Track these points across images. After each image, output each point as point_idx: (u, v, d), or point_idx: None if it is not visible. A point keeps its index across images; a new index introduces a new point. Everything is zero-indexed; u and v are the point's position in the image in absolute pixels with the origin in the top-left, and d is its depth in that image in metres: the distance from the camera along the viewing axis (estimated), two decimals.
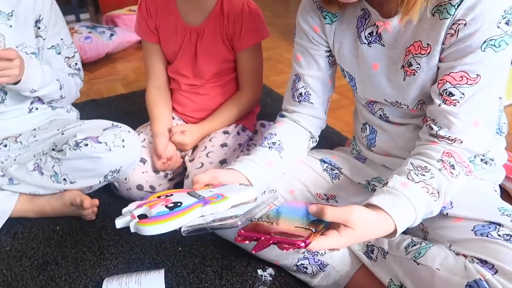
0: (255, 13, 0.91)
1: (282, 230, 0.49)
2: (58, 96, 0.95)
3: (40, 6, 0.89)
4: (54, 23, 0.93)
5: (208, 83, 0.97)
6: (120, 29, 2.03)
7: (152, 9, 0.93)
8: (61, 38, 0.95)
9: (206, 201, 0.55)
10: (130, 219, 0.54)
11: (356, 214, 0.50)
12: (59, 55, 0.95)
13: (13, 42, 0.85)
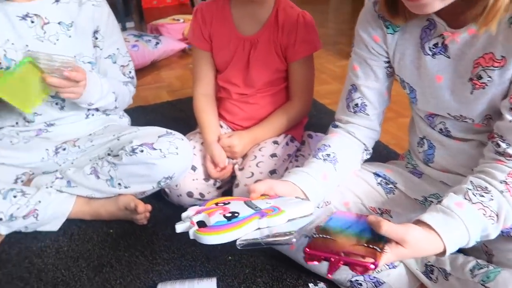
0: (310, 25, 0.91)
1: (349, 249, 0.48)
2: (112, 107, 0.99)
3: (98, 18, 0.93)
4: (111, 34, 0.96)
5: (259, 93, 0.98)
6: (165, 37, 2.08)
7: (207, 17, 0.95)
8: (117, 48, 0.99)
9: (263, 214, 0.55)
10: (190, 226, 0.55)
11: (412, 234, 0.50)
12: (115, 64, 0.99)
13: (71, 52, 0.90)
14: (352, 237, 0.52)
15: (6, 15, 0.85)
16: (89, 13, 0.91)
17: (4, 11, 0.85)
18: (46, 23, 0.88)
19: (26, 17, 0.86)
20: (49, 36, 0.88)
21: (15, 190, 0.85)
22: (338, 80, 1.74)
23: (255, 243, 0.51)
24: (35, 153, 0.93)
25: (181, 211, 0.92)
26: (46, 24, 0.88)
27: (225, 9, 0.94)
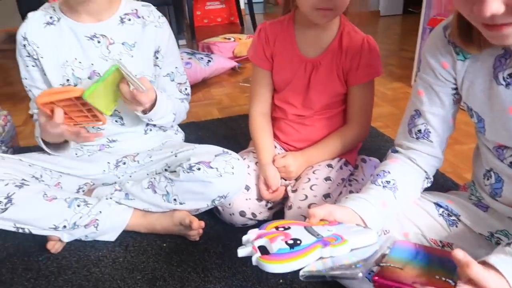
0: (374, 50, 0.90)
1: (422, 280, 0.47)
2: (169, 126, 1.03)
3: (159, 38, 0.97)
4: (170, 53, 1.00)
5: (316, 115, 0.98)
6: (216, 55, 2.14)
7: (270, 37, 0.96)
8: (175, 67, 1.02)
9: (326, 243, 0.54)
10: (252, 251, 0.55)
11: (492, 280, 0.47)
12: (173, 82, 1.03)
13: (133, 71, 0.94)
14: (421, 268, 0.51)
15: (75, 36, 0.91)
16: (152, 34, 0.95)
17: (74, 32, 0.91)
18: (111, 43, 0.93)
19: (94, 37, 0.92)
20: (113, 55, 0.93)
21: (79, 200, 0.89)
22: (389, 102, 1.71)
23: (319, 276, 0.51)
24: (97, 166, 0.98)
25: (233, 229, 0.94)
26: (111, 44, 0.93)
27: (289, 30, 0.95)
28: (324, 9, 0.83)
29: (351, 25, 0.94)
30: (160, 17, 0.97)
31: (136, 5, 0.97)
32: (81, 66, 0.92)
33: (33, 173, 0.89)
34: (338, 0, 0.82)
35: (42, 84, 0.94)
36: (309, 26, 0.92)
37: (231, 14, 3.80)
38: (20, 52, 0.92)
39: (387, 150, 1.26)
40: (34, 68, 0.93)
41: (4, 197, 0.81)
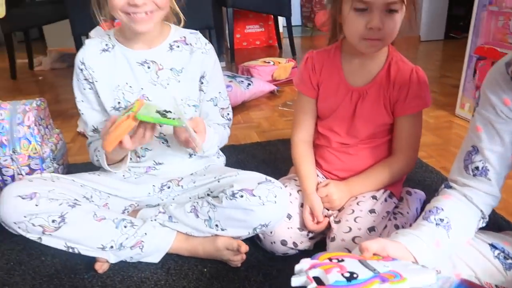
0: (423, 81, 0.89)
1: None
2: (212, 155, 1.06)
3: (206, 64, 1.00)
4: (215, 78, 1.02)
5: (361, 144, 0.96)
6: (256, 79, 2.17)
7: (317, 66, 0.97)
8: (219, 92, 1.04)
9: (384, 279, 0.53)
10: (307, 281, 0.54)
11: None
12: (216, 106, 1.04)
13: (179, 95, 0.97)
14: None
15: (128, 61, 0.96)
16: (198, 60, 0.99)
17: (126, 58, 0.95)
18: (160, 69, 0.96)
19: (144, 63, 0.96)
20: (161, 80, 0.97)
21: (126, 221, 0.91)
22: (432, 131, 1.66)
23: None
24: (143, 188, 1.00)
25: (274, 257, 0.93)
26: (160, 69, 0.96)
27: (336, 59, 0.95)
28: (372, 39, 0.83)
29: (399, 54, 0.94)
30: (206, 44, 1.00)
31: (184, 32, 1.00)
32: (131, 90, 0.96)
33: (84, 194, 0.93)
34: (386, 31, 0.82)
35: (97, 106, 0.99)
36: (356, 55, 0.92)
37: (269, 37, 3.87)
38: (77, 76, 0.97)
39: (431, 181, 1.25)
40: (90, 91, 0.98)
41: (58, 216, 0.85)
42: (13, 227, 0.86)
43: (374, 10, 0.79)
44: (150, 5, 0.85)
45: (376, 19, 0.79)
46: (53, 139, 1.27)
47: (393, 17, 0.81)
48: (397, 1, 0.78)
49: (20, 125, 1.15)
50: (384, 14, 0.80)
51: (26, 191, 0.86)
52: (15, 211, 0.84)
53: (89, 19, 0.98)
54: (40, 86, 2.82)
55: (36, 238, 0.86)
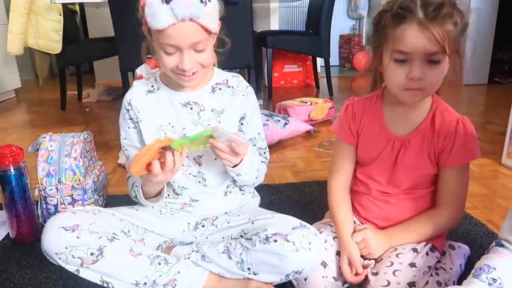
0: (470, 132, 0.86)
1: None
2: (251, 183, 1.05)
3: (246, 105, 1.02)
4: (255, 119, 1.05)
5: (402, 193, 0.94)
6: (293, 119, 2.19)
7: (357, 113, 0.97)
8: (258, 133, 1.07)
9: None
10: None
11: None
12: (254, 146, 1.06)
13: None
14: None
15: (171, 102, 1.00)
16: (239, 101, 1.02)
17: (170, 100, 1.00)
18: (202, 110, 1.00)
19: (187, 104, 0.99)
20: (203, 121, 1.00)
21: (160, 257, 0.92)
22: (477, 180, 1.59)
23: None
24: (178, 225, 1.02)
25: None
26: (202, 110, 1.00)
27: (377, 107, 0.95)
28: (414, 89, 0.82)
29: (444, 104, 0.91)
30: (247, 87, 1.04)
31: (226, 75, 1.04)
32: (173, 129, 1.00)
33: (122, 228, 0.95)
34: (428, 81, 0.80)
35: (138, 144, 1.03)
36: (398, 103, 0.91)
37: (307, 76, 3.92)
38: (123, 115, 1.02)
39: (476, 235, 1.18)
40: (134, 130, 1.02)
41: (97, 249, 0.87)
42: (54, 258, 0.88)
43: (414, 60, 0.78)
44: (196, 67, 0.90)
45: (416, 70, 0.78)
46: (95, 170, 1.32)
47: (435, 68, 0.79)
48: (438, 52, 0.77)
49: (67, 156, 1.21)
50: (425, 64, 0.79)
51: (69, 223, 0.89)
52: (57, 242, 0.87)
53: (136, 56, 1.04)
54: (86, 117, 2.97)
55: (74, 270, 0.88)
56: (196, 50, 0.88)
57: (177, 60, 0.88)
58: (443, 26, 0.75)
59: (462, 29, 0.79)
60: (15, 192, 1.12)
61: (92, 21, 4.02)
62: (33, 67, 5.03)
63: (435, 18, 0.75)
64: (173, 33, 0.84)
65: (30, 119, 2.97)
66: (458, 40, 0.78)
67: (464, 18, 0.78)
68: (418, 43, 0.76)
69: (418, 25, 0.76)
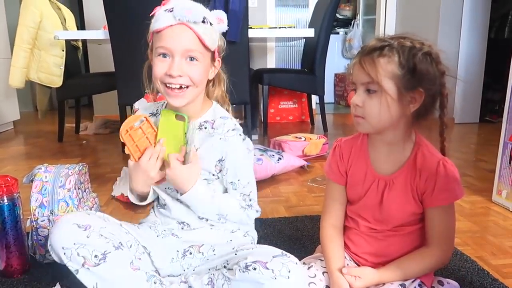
0: (451, 174, 0.88)
1: None
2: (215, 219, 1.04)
3: (223, 149, 1.01)
4: (234, 165, 1.03)
5: (390, 231, 0.95)
6: (287, 154, 2.22)
7: (345, 153, 1.00)
8: (238, 179, 1.04)
9: None
10: None
11: None
12: (235, 191, 1.05)
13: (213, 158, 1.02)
14: None
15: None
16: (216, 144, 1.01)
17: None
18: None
19: None
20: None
21: (156, 277, 0.94)
22: (467, 217, 1.60)
23: None
24: (169, 252, 1.03)
25: None
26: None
27: (363, 146, 0.98)
28: (356, 116, 0.88)
29: (427, 144, 0.93)
30: (229, 131, 1.01)
31: (216, 115, 1.04)
32: None
33: (127, 241, 0.97)
34: (367, 109, 0.86)
35: None
36: (382, 143, 0.94)
37: (302, 113, 4.00)
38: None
39: (466, 272, 1.18)
40: None
41: (101, 253, 0.88)
42: (59, 253, 0.89)
43: (357, 89, 0.88)
44: (185, 78, 0.93)
45: (355, 97, 0.87)
46: (89, 202, 1.33)
47: (373, 97, 0.85)
48: (370, 82, 0.84)
49: (61, 187, 1.22)
50: (365, 93, 0.86)
51: (83, 221, 0.92)
52: (68, 237, 0.89)
53: (134, 91, 1.09)
54: (83, 149, 2.99)
55: (74, 269, 0.88)
56: (188, 60, 0.92)
57: (167, 67, 0.91)
58: (373, 59, 0.84)
59: (406, 64, 0.83)
60: (7, 223, 1.13)
61: (94, 57, 4.14)
62: (33, 99, 5.11)
63: (367, 54, 0.85)
64: (169, 34, 0.90)
65: (26, 151, 2.98)
66: (403, 75, 0.83)
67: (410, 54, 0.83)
68: (356, 74, 0.87)
69: (358, 60, 0.86)
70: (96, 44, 3.80)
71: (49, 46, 2.91)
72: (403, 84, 0.83)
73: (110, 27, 2.50)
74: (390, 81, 0.83)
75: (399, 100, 0.84)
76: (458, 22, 3.52)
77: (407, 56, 0.83)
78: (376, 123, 0.87)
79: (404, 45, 0.84)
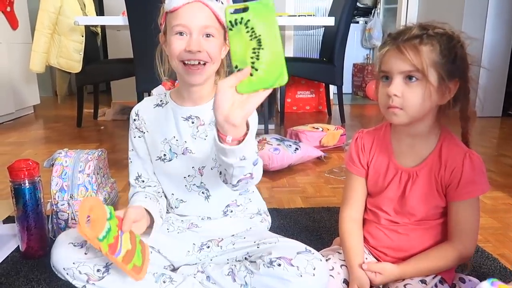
0: (477, 167, 0.86)
1: None
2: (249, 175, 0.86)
3: None
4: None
5: (411, 224, 0.93)
6: (304, 144, 2.20)
7: (366, 145, 0.98)
8: None
9: None
10: None
11: None
12: None
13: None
14: None
15: (175, 116, 1.02)
16: None
17: (175, 113, 1.02)
18: (201, 124, 1.01)
19: (189, 118, 1.01)
20: (200, 134, 1.01)
21: (165, 276, 0.92)
22: (489, 214, 1.56)
23: None
24: (184, 245, 1.02)
25: None
26: (201, 125, 1.01)
27: (386, 139, 0.95)
28: (393, 107, 0.83)
29: (453, 136, 0.91)
30: None
31: None
32: (177, 143, 1.02)
33: None
34: (407, 100, 0.82)
35: (143, 154, 1.06)
36: (405, 134, 0.92)
37: (319, 103, 3.95)
38: (131, 125, 1.06)
39: (487, 269, 1.15)
40: (140, 139, 1.05)
41: (103, 265, 0.88)
42: (62, 273, 0.89)
43: (393, 79, 0.82)
44: (203, 54, 0.92)
45: (393, 87, 0.82)
46: (107, 188, 1.34)
47: (414, 87, 0.81)
48: (413, 70, 0.80)
49: (81, 172, 1.23)
50: (404, 83, 0.82)
51: (78, 239, 0.90)
52: (66, 258, 0.89)
53: (152, 78, 1.08)
54: (101, 135, 3.02)
55: (80, 286, 0.89)
56: (205, 37, 0.92)
57: (185, 44, 0.91)
58: (416, 47, 0.80)
59: (448, 53, 0.81)
60: (28, 206, 1.14)
61: (112, 43, 4.16)
62: (52, 84, 5.18)
63: (407, 40, 0.81)
64: (186, 11, 0.89)
65: (46, 135, 3.03)
66: (444, 64, 0.80)
67: (449, 42, 0.81)
68: (394, 62, 0.82)
69: (394, 47, 0.82)
70: (114, 30, 3.81)
71: (69, 31, 2.93)
72: (444, 72, 0.81)
73: (129, 13, 2.50)
74: (433, 70, 0.80)
75: (438, 89, 0.82)
76: (483, 11, 3.40)
77: (447, 44, 0.81)
78: (415, 114, 0.84)
79: (441, 33, 0.81)
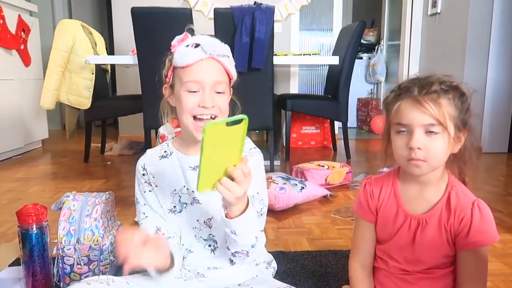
0: (486, 216, 0.86)
1: None
2: (246, 251, 0.95)
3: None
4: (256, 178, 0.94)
5: (420, 273, 0.92)
6: (310, 183, 2.20)
7: (375, 191, 0.98)
8: (257, 192, 1.02)
9: None
10: None
11: None
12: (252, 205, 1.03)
13: None
14: None
15: (181, 166, 1.03)
16: None
17: (180, 163, 1.03)
18: None
19: (196, 167, 1.01)
20: None
21: None
22: (498, 258, 1.53)
23: None
24: None
25: None
26: None
27: (394, 184, 0.96)
28: (416, 160, 0.84)
29: (460, 184, 0.92)
30: (251, 149, 1.04)
31: None
32: (188, 192, 1.03)
33: None
34: (429, 152, 0.83)
35: (159, 208, 1.05)
36: (414, 182, 0.92)
37: (324, 138, 3.98)
38: (139, 180, 1.06)
39: None
40: (151, 193, 1.05)
41: None
42: None
43: (414, 131, 0.83)
44: (216, 109, 0.95)
45: (414, 140, 0.82)
46: (113, 231, 1.34)
47: (435, 139, 0.83)
48: (434, 124, 0.81)
49: (88, 216, 1.24)
50: (425, 135, 0.83)
51: None
52: None
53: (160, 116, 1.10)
54: (107, 170, 3.04)
55: None
56: (216, 92, 0.95)
57: (198, 100, 0.93)
58: (436, 100, 0.82)
59: (461, 105, 0.84)
60: (35, 251, 1.14)
61: (121, 79, 4.26)
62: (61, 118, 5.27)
63: (427, 94, 0.82)
64: (200, 68, 0.93)
65: (53, 170, 3.06)
66: (458, 116, 0.83)
67: (462, 95, 0.84)
68: (414, 115, 0.82)
69: (413, 100, 0.83)
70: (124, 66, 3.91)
71: (80, 69, 3.01)
72: (459, 123, 0.84)
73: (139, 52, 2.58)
74: (450, 122, 0.83)
75: (454, 139, 0.85)
76: (485, 49, 3.46)
77: (460, 97, 0.84)
78: (437, 165, 0.86)
79: (454, 87, 0.84)
